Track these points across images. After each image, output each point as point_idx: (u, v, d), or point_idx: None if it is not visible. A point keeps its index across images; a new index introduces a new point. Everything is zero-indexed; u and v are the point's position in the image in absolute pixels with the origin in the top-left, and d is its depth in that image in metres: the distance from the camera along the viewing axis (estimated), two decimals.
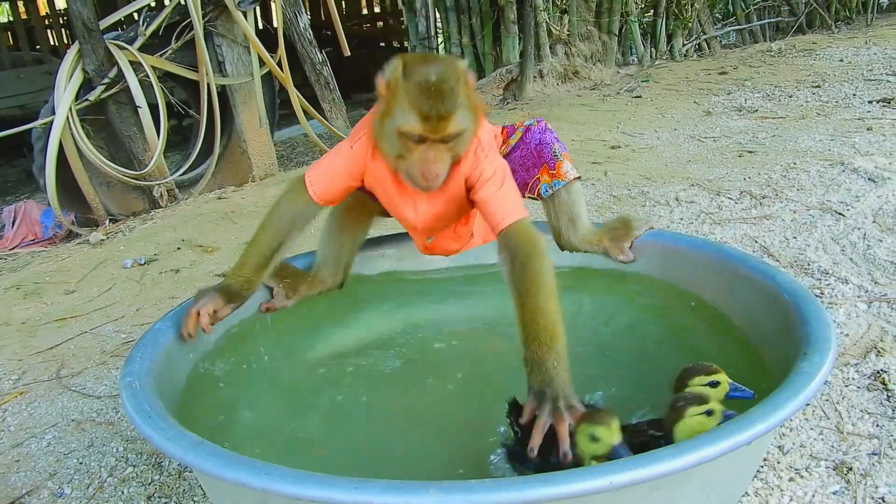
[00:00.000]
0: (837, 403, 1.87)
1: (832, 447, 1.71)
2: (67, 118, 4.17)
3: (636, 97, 6.42)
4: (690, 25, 8.59)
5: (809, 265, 2.63)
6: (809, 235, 2.91)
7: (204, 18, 4.65)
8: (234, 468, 1.21)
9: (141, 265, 3.52)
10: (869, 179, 3.48)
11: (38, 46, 10.41)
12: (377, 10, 13.97)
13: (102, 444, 2.05)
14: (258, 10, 6.19)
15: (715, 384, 1.50)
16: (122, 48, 4.37)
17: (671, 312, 2.08)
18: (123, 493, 1.82)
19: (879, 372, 1.96)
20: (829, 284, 2.47)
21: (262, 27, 7.42)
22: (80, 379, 2.45)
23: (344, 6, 13.25)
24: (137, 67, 4.39)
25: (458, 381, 1.95)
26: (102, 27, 4.39)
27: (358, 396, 1.93)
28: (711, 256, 2.05)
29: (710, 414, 1.38)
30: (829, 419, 1.81)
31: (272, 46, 4.99)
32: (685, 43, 8.56)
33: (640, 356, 2.00)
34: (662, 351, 1.98)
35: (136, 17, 4.67)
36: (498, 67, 7.07)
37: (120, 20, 4.74)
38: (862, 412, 1.82)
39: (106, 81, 4.29)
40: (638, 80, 7.13)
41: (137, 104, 4.38)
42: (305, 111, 5.20)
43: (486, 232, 2.10)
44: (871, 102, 5.21)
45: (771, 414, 1.24)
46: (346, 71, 6.98)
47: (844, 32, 9.35)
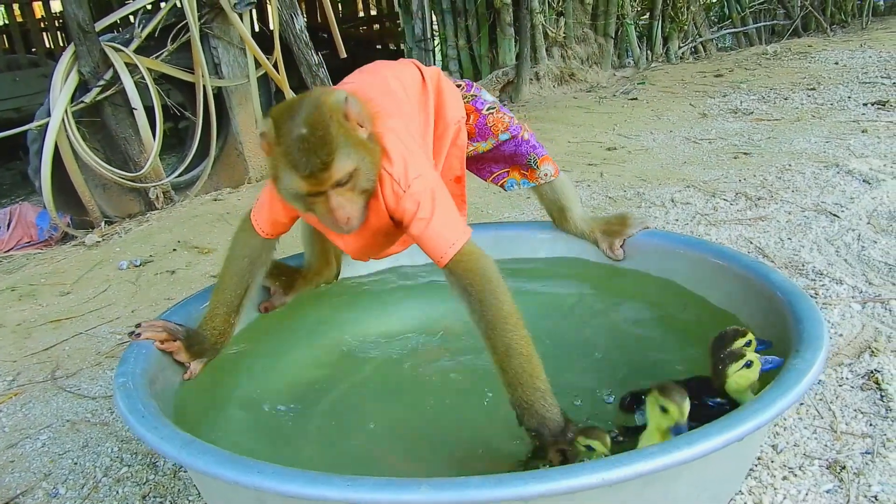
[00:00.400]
0: (831, 403, 1.87)
1: (826, 446, 1.71)
2: (63, 120, 4.17)
3: (632, 99, 6.43)
4: (686, 28, 8.61)
5: (804, 266, 2.63)
6: (804, 236, 2.91)
7: (200, 20, 4.65)
8: (226, 466, 1.22)
9: (136, 267, 3.52)
10: (863, 181, 3.49)
11: (34, 49, 10.40)
12: (374, 12, 13.99)
13: (97, 444, 2.04)
14: (254, 12, 6.18)
15: (749, 364, 1.53)
16: (117, 50, 4.37)
17: (666, 310, 2.08)
18: (118, 492, 1.82)
19: (873, 372, 1.96)
20: (823, 285, 2.48)
21: (258, 29, 7.42)
22: (74, 380, 2.44)
23: (340, 8, 13.27)
24: (133, 69, 4.39)
25: (456, 380, 1.95)
26: (98, 29, 4.39)
27: (355, 396, 1.93)
28: (707, 256, 2.06)
29: (749, 366, 1.51)
30: (822, 418, 1.81)
31: (268, 48, 5.00)
32: (681, 45, 8.58)
33: (634, 350, 2.01)
34: (658, 347, 1.98)
35: (131, 19, 4.67)
36: (494, 70, 7.08)
37: (116, 22, 4.74)
38: (855, 412, 1.83)
39: (102, 83, 4.28)
40: (634, 82, 7.14)
41: (133, 106, 4.38)
42: None
43: None
44: (865, 105, 5.22)
45: (763, 410, 1.24)
46: (342, 73, 6.98)
47: (839, 35, 9.37)
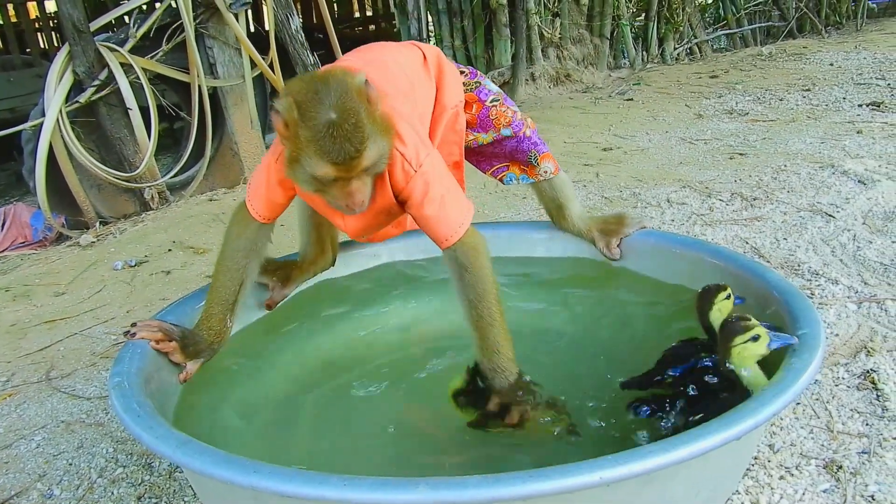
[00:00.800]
0: (828, 402, 1.87)
1: (822, 446, 1.71)
2: (58, 120, 4.15)
3: (628, 100, 6.43)
4: (682, 29, 8.62)
5: (800, 266, 2.64)
6: (800, 237, 2.92)
7: (195, 20, 4.64)
8: (222, 466, 1.21)
9: (132, 267, 3.51)
10: (859, 182, 3.50)
11: (28, 50, 10.37)
12: (369, 13, 13.98)
13: (92, 445, 2.04)
14: (250, 12, 6.18)
15: (756, 338, 1.53)
16: (112, 50, 4.35)
17: (663, 308, 2.08)
18: (113, 493, 1.81)
19: (869, 371, 1.96)
20: (819, 285, 2.48)
21: (253, 29, 7.39)
22: (69, 380, 2.43)
23: (336, 9, 13.26)
24: (128, 69, 4.38)
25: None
26: (93, 29, 4.37)
27: (351, 396, 1.92)
28: (703, 256, 2.06)
29: (756, 339, 1.52)
30: (819, 418, 1.81)
31: (264, 49, 4.98)
32: (676, 47, 8.59)
33: (630, 349, 2.00)
34: (654, 346, 1.97)
35: (126, 19, 4.65)
36: (490, 70, 7.08)
37: (110, 22, 4.72)
38: (852, 411, 1.83)
39: (96, 83, 4.27)
40: (629, 83, 7.15)
41: (128, 106, 4.36)
42: None
43: None
44: (860, 106, 5.24)
45: (759, 409, 1.24)
46: None
47: (834, 37, 9.40)
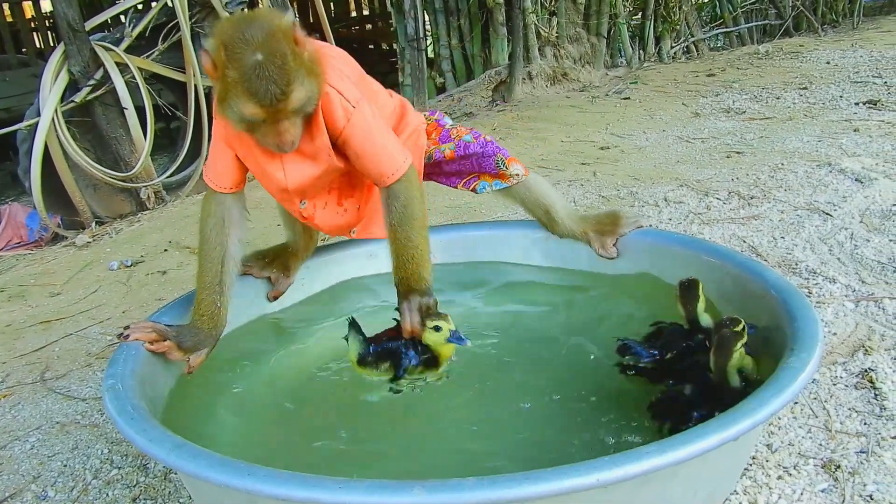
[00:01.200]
0: (825, 402, 1.86)
1: (820, 445, 1.71)
2: (53, 120, 4.15)
3: (625, 99, 6.43)
4: (678, 28, 8.62)
5: (797, 265, 2.63)
6: (797, 235, 2.91)
7: (191, 20, 4.63)
8: (217, 469, 1.20)
9: (127, 267, 3.50)
10: (856, 180, 3.49)
11: (23, 50, 10.35)
12: (366, 12, 13.97)
13: (87, 446, 2.03)
14: (245, 11, 6.16)
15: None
16: (108, 49, 4.34)
17: (660, 307, 2.07)
18: (108, 495, 1.80)
19: (867, 370, 1.96)
20: (816, 284, 2.47)
21: None
22: (64, 381, 2.42)
23: (332, 8, 13.24)
24: (124, 69, 4.37)
25: (450, 379, 1.93)
26: (88, 28, 4.37)
27: (347, 398, 1.91)
28: (701, 254, 2.05)
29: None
30: (817, 417, 1.81)
31: None
32: (673, 45, 8.59)
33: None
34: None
35: (122, 18, 4.64)
36: (487, 69, 7.07)
37: (106, 21, 4.71)
38: (850, 410, 1.82)
39: (92, 83, 4.26)
40: (626, 81, 7.15)
41: (124, 106, 4.35)
42: None
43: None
44: (857, 104, 5.24)
45: (758, 409, 1.23)
46: None
47: (831, 35, 9.40)
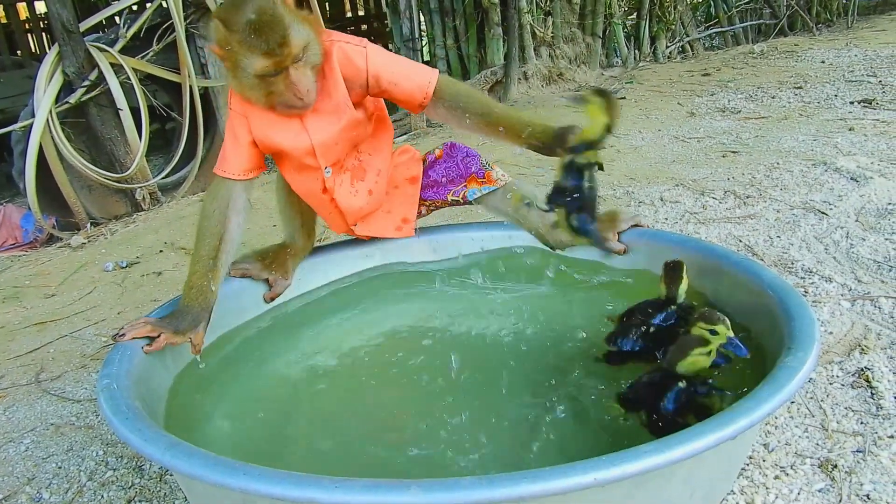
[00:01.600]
0: (822, 401, 1.86)
1: (817, 445, 1.71)
2: (48, 121, 4.13)
3: (620, 98, 6.43)
4: (674, 28, 8.63)
5: (793, 264, 2.63)
6: (793, 234, 2.91)
7: (186, 20, 4.62)
8: (212, 468, 1.19)
9: (123, 268, 3.49)
10: (851, 179, 3.50)
11: (18, 51, 10.33)
12: (361, 12, 13.96)
13: (82, 447, 2.02)
14: None
15: (714, 332, 1.57)
16: (102, 50, 4.33)
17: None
18: (103, 496, 1.79)
19: (863, 369, 1.96)
20: (812, 283, 2.47)
21: None
22: (59, 383, 2.41)
23: (328, 8, 13.22)
24: (118, 70, 4.36)
25: (448, 380, 1.93)
26: (83, 29, 4.35)
27: (344, 398, 1.91)
28: (697, 254, 2.05)
29: (709, 354, 1.59)
30: (813, 417, 1.81)
31: None
32: (668, 45, 8.60)
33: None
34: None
35: (116, 19, 4.63)
36: (483, 69, 7.06)
37: (101, 22, 4.70)
38: (846, 410, 1.82)
39: (86, 84, 4.25)
40: (622, 81, 7.15)
41: (119, 107, 4.34)
42: None
43: (406, 217, 2.27)
44: (852, 103, 5.24)
45: (754, 409, 1.23)
46: None
47: (825, 34, 9.42)
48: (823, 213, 3.10)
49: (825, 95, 5.60)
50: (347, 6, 14.10)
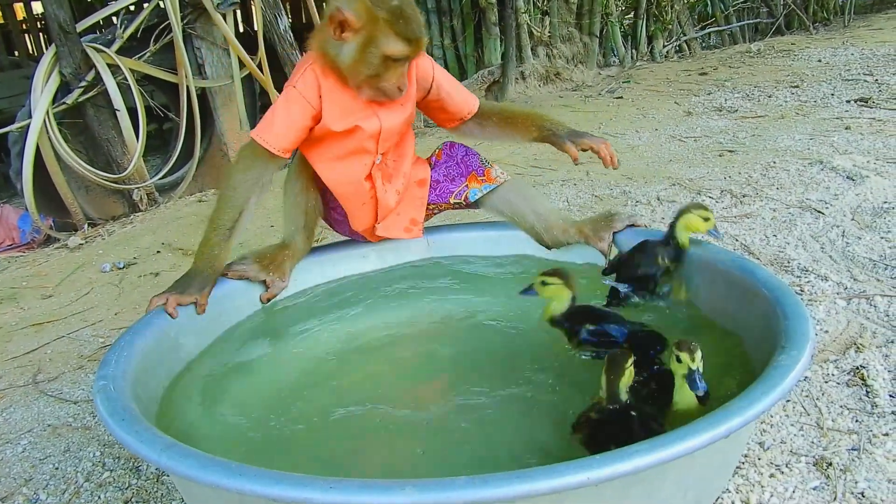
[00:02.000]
0: (817, 399, 1.87)
1: (812, 443, 1.71)
2: (45, 122, 4.13)
3: (617, 98, 6.44)
4: (671, 27, 8.63)
5: (789, 263, 2.64)
6: (789, 233, 2.92)
7: (183, 21, 4.62)
8: (208, 469, 1.20)
9: (120, 269, 3.49)
10: (847, 178, 3.51)
11: (15, 52, 10.32)
12: None
13: (79, 448, 2.02)
14: (238, 12, 6.15)
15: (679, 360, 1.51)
16: (99, 51, 4.32)
17: (652, 307, 2.08)
18: (100, 497, 1.80)
19: (859, 368, 1.97)
20: (808, 282, 2.48)
21: (242, 30, 7.37)
22: (56, 384, 2.41)
23: (325, 8, 13.21)
24: (115, 70, 4.35)
25: (445, 381, 1.93)
26: (79, 30, 4.34)
27: (340, 398, 1.91)
28: (693, 253, 2.05)
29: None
30: (809, 415, 1.81)
31: (252, 49, 4.97)
32: (665, 44, 8.61)
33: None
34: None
35: (114, 19, 4.62)
36: (480, 69, 7.06)
37: (98, 23, 4.69)
38: (841, 408, 1.83)
39: (83, 84, 4.24)
40: (619, 81, 7.16)
41: (116, 107, 4.33)
42: None
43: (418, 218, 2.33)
44: (848, 102, 5.26)
45: (748, 407, 1.23)
46: None
47: (822, 33, 9.44)
48: (819, 211, 3.10)
49: (822, 94, 5.61)
50: None
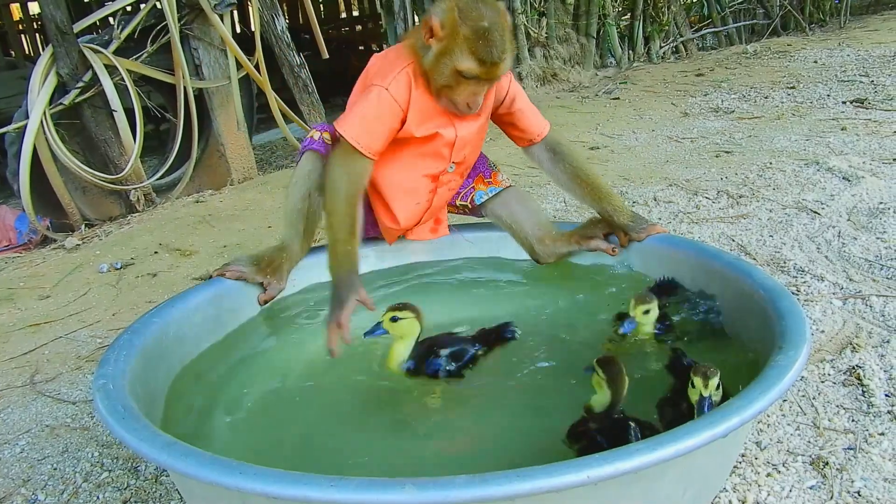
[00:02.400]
0: (814, 399, 1.88)
1: (809, 442, 1.72)
2: (41, 122, 4.12)
3: (614, 99, 6.45)
4: (667, 28, 8.65)
5: (786, 263, 2.65)
6: (785, 234, 2.93)
7: (180, 21, 4.61)
8: (208, 468, 1.20)
9: (117, 269, 3.48)
10: (843, 178, 3.52)
11: (11, 52, 10.29)
12: (356, 13, 13.95)
13: (77, 449, 2.02)
14: (235, 13, 6.15)
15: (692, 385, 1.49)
16: (96, 51, 4.32)
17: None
18: (98, 498, 1.80)
19: (855, 368, 1.97)
20: (805, 282, 2.49)
21: (239, 30, 7.37)
22: (54, 384, 2.41)
23: (322, 10, 13.22)
24: (112, 71, 4.35)
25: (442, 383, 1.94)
26: (76, 30, 4.34)
27: (341, 398, 1.91)
28: (689, 254, 2.06)
29: None
30: (805, 415, 1.82)
31: (249, 49, 4.96)
32: (662, 45, 8.62)
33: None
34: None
35: (110, 20, 4.62)
36: None
37: (95, 24, 4.68)
38: (838, 407, 1.84)
39: (80, 85, 4.24)
40: (616, 82, 7.17)
41: (113, 108, 4.33)
42: (284, 114, 5.18)
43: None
44: (844, 103, 5.27)
45: (746, 407, 1.24)
46: (324, 74, 6.94)
47: (818, 34, 9.46)
48: (815, 212, 3.11)
49: (818, 95, 5.62)
50: (342, 6, 14.09)
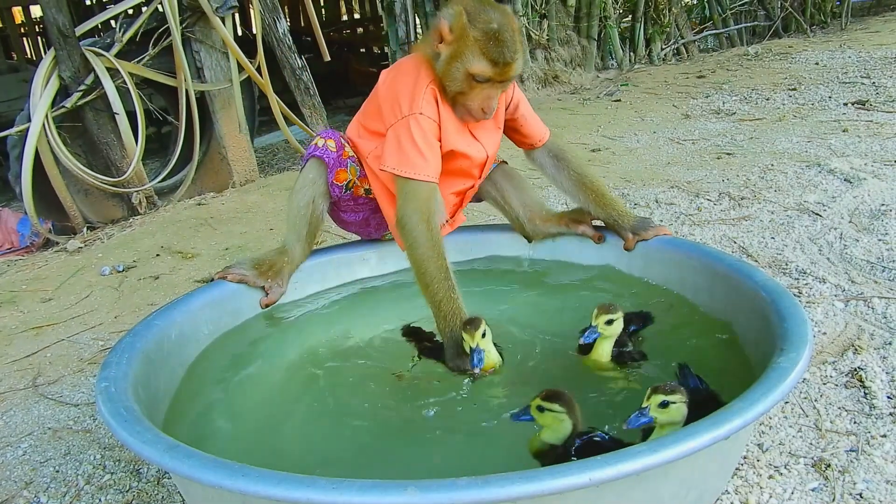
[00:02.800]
0: (816, 401, 1.88)
1: (811, 444, 1.72)
2: (43, 125, 4.13)
3: (616, 101, 6.45)
4: (668, 30, 8.65)
5: (787, 265, 2.65)
6: (787, 236, 2.93)
7: (182, 24, 4.62)
8: (210, 470, 1.20)
9: (119, 272, 3.49)
10: (845, 180, 3.52)
11: (13, 55, 10.32)
12: (357, 15, 13.96)
13: (79, 451, 2.02)
14: (237, 15, 6.16)
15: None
16: (98, 54, 4.33)
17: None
18: (101, 500, 1.80)
19: (857, 370, 1.97)
20: (806, 284, 2.49)
21: (240, 33, 7.39)
22: (56, 387, 2.42)
23: (323, 12, 13.23)
24: (114, 74, 4.35)
25: (443, 382, 1.94)
26: (78, 33, 4.34)
27: (343, 400, 1.91)
28: (691, 256, 2.06)
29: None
30: (807, 417, 1.82)
31: (251, 52, 4.97)
32: (663, 47, 8.62)
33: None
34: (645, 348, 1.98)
35: (112, 23, 4.63)
36: None
37: (96, 26, 4.69)
38: (840, 409, 1.83)
39: (82, 88, 4.24)
40: (617, 84, 7.17)
41: (115, 111, 4.34)
42: (286, 117, 5.19)
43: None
44: (846, 105, 5.27)
45: (748, 409, 1.24)
46: (326, 77, 6.95)
47: (819, 36, 9.46)
48: (817, 214, 3.11)
49: (819, 97, 5.62)
50: (343, 9, 14.11)
